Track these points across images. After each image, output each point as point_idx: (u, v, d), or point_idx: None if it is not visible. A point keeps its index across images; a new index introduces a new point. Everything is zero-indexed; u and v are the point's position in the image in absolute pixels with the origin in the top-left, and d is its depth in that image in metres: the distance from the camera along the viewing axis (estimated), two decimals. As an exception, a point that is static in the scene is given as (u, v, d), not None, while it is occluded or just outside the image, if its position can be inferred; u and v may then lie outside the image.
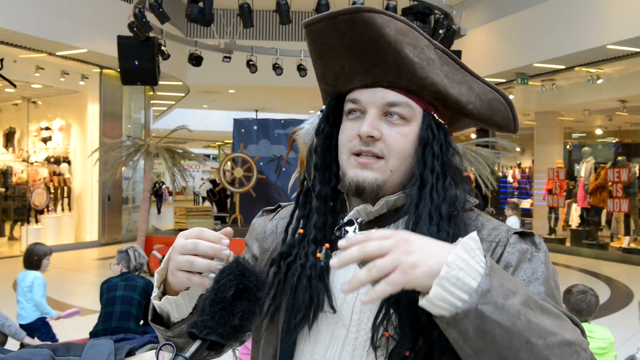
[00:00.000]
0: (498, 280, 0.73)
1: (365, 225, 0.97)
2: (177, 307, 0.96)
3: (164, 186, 24.88)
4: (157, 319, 1.01)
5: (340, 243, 0.74)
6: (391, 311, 0.86)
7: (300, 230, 0.99)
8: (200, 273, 0.89)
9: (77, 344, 0.69)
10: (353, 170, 0.94)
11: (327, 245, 0.96)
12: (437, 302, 0.72)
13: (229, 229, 0.93)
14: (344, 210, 1.01)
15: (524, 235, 0.95)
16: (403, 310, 0.84)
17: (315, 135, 1.04)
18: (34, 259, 4.37)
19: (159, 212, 22.51)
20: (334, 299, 0.93)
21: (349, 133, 0.96)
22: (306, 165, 1.05)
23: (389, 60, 0.91)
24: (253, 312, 0.81)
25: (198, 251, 0.87)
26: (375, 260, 0.73)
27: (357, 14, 0.88)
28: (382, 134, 0.93)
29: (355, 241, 0.75)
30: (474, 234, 0.77)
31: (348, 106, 0.97)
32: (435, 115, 0.96)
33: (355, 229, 0.97)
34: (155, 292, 0.97)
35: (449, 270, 0.72)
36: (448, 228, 0.90)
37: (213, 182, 13.20)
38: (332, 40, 0.93)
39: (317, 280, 0.93)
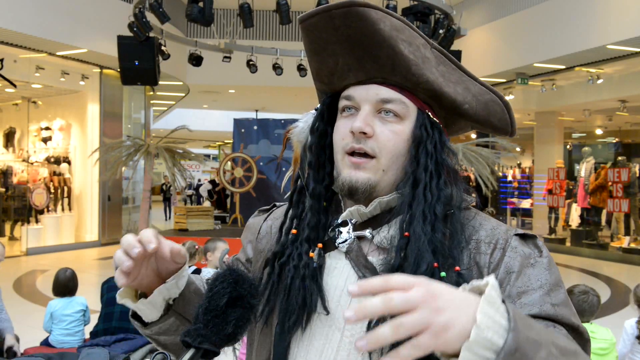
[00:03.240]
0: (524, 334, 0.68)
1: (359, 226, 0.96)
2: (139, 311, 0.95)
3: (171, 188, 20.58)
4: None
5: (352, 289, 0.65)
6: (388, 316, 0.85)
7: (294, 230, 0.98)
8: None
9: (71, 353, 0.69)
10: (347, 171, 0.93)
11: (320, 245, 0.95)
12: None
13: (182, 251, 0.89)
14: (338, 212, 0.99)
15: (526, 237, 0.92)
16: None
17: (309, 133, 1.03)
18: None
19: (167, 217, 19.25)
20: (327, 300, 0.91)
21: (342, 130, 0.95)
22: (300, 163, 1.04)
23: (382, 55, 0.90)
24: (247, 320, 0.81)
25: (122, 247, 0.86)
26: (401, 317, 0.63)
27: (352, 7, 0.87)
28: (375, 131, 0.92)
29: (372, 287, 0.65)
30: (493, 281, 0.69)
31: (342, 103, 0.96)
32: (430, 114, 0.94)
33: (349, 229, 0.95)
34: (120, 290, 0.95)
35: (479, 332, 0.65)
36: (443, 228, 0.88)
37: (212, 182, 13.19)
38: (327, 35, 0.92)
39: (310, 280, 0.92)
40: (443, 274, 0.84)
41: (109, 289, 4.02)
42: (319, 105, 1.04)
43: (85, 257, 10.81)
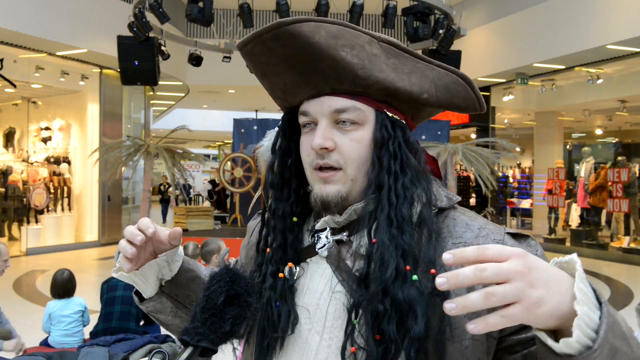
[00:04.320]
0: (610, 309, 0.69)
1: (338, 230, 0.95)
2: (135, 284, 1.02)
3: (170, 189, 19.03)
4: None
5: (446, 256, 0.65)
6: (361, 322, 0.84)
7: (267, 250, 0.98)
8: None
9: (71, 352, 0.69)
10: (317, 186, 0.93)
11: (290, 264, 0.94)
12: (574, 344, 0.66)
13: (178, 230, 0.97)
14: (321, 215, 0.98)
15: (518, 237, 0.91)
16: (371, 320, 0.82)
17: (271, 152, 1.01)
18: None
19: (164, 220, 18.58)
20: (300, 318, 0.92)
21: (305, 147, 0.94)
22: (265, 183, 1.02)
23: (324, 67, 0.88)
24: (244, 318, 0.81)
25: (125, 236, 0.94)
26: (495, 286, 0.63)
27: (280, 28, 0.86)
28: (336, 143, 0.90)
29: (467, 257, 0.65)
30: (577, 259, 0.69)
31: (301, 119, 0.95)
32: (388, 113, 0.92)
33: (327, 234, 0.95)
34: (115, 264, 1.01)
35: (583, 309, 0.65)
36: (412, 230, 0.86)
37: (212, 182, 13.18)
38: (265, 58, 0.91)
39: (281, 301, 0.92)
40: (415, 277, 0.82)
41: (108, 289, 4.02)
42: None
43: (85, 257, 10.81)
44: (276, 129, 1.05)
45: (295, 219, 0.97)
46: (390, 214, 0.86)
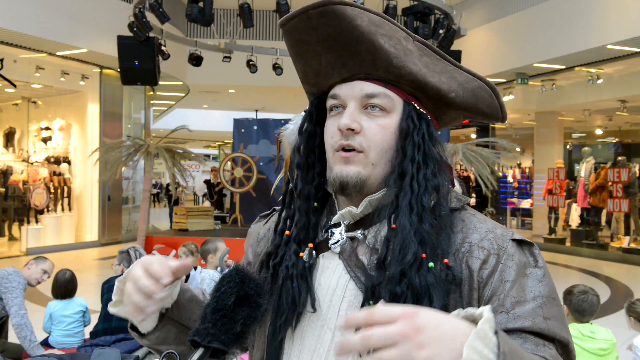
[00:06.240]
0: None
1: (352, 226, 0.96)
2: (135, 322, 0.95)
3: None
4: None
5: (340, 323, 0.68)
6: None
7: (287, 232, 0.99)
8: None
9: (82, 354, 0.69)
10: (338, 167, 0.93)
11: (310, 245, 0.96)
12: None
13: (188, 263, 0.89)
14: (333, 212, 1.00)
15: (522, 244, 0.91)
16: (389, 301, 0.82)
17: (298, 134, 1.04)
18: None
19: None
20: (317, 299, 0.92)
21: (331, 129, 0.96)
22: (289, 165, 1.04)
23: (363, 51, 0.91)
24: (254, 318, 0.81)
25: (137, 286, 0.86)
26: (382, 352, 0.64)
27: (327, 6, 0.88)
28: (362, 126, 0.92)
29: (357, 321, 0.66)
30: (488, 313, 0.68)
31: (330, 102, 0.97)
32: (416, 105, 0.95)
33: (341, 230, 0.96)
34: (113, 298, 0.95)
35: None
36: (431, 219, 0.88)
37: (207, 182, 13.14)
38: (307, 36, 0.93)
39: (300, 280, 0.93)
40: (431, 264, 0.84)
41: (109, 289, 4.02)
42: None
43: (85, 257, 10.81)
44: (303, 113, 1.07)
45: (315, 204, 0.99)
46: (411, 202, 0.88)
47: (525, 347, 0.81)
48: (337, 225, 0.96)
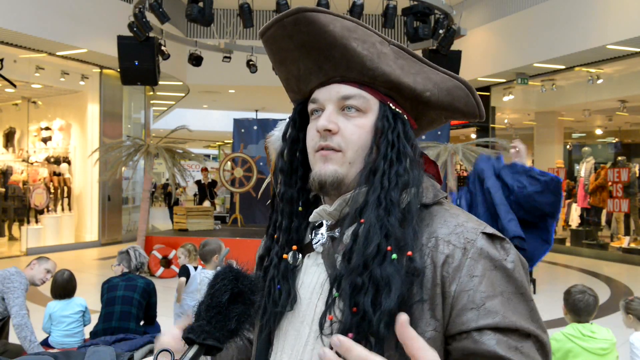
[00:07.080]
0: None
1: (334, 225, 0.98)
2: None
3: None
4: None
5: (320, 353, 0.71)
6: (342, 295, 0.87)
7: (275, 235, 1.03)
8: None
9: (76, 352, 0.69)
10: (317, 166, 0.96)
11: (294, 247, 0.99)
12: None
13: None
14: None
15: (494, 237, 0.90)
16: (345, 297, 0.85)
17: (282, 140, 1.08)
18: None
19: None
20: (298, 297, 0.96)
21: (311, 132, 0.99)
22: (274, 169, 1.07)
23: (337, 55, 0.94)
24: (248, 315, 0.82)
25: None
26: None
27: (300, 14, 0.93)
28: (339, 127, 0.95)
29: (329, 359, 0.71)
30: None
31: (310, 107, 1.01)
32: (391, 105, 0.97)
33: (323, 230, 0.98)
34: None
35: None
36: (398, 213, 0.88)
37: (198, 182, 13.13)
38: (285, 43, 0.97)
39: (282, 281, 0.97)
40: (394, 256, 0.85)
41: (109, 289, 4.02)
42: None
43: (85, 257, 10.81)
44: (287, 119, 1.10)
45: (300, 208, 1.02)
46: (380, 196, 0.90)
47: (497, 349, 0.81)
48: (322, 226, 1.00)
